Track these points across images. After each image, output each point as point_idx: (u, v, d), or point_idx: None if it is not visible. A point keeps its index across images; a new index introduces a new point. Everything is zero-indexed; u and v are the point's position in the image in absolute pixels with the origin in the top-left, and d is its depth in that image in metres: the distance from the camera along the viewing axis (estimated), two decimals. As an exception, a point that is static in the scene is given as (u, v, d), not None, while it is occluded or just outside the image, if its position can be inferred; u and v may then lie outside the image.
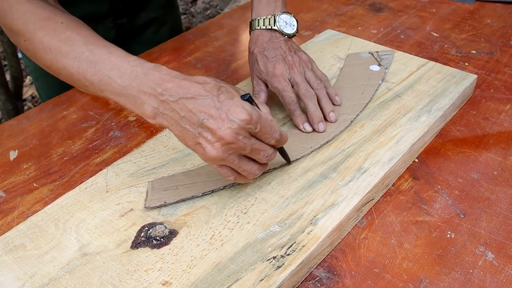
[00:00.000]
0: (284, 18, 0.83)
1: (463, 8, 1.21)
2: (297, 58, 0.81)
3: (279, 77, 0.78)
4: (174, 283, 0.57)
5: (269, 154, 0.62)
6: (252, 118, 0.57)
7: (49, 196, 0.72)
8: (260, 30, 0.83)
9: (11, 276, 0.58)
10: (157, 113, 0.59)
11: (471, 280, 0.60)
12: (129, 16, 1.09)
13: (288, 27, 0.84)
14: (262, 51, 0.81)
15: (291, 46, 0.83)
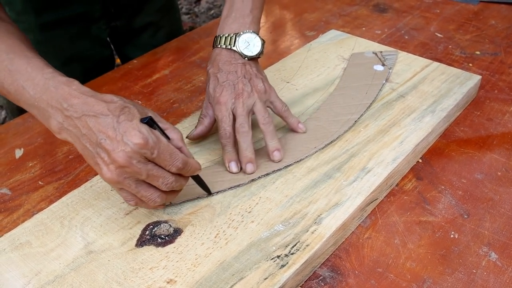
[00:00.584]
0: (246, 37, 0.76)
1: (467, 9, 1.21)
2: (249, 87, 0.73)
3: (222, 106, 0.72)
4: (179, 281, 0.57)
5: (169, 182, 0.58)
6: (148, 143, 0.55)
7: (55, 194, 0.73)
8: (220, 49, 0.77)
9: (17, 273, 0.59)
10: (62, 128, 0.58)
11: (474, 280, 0.60)
12: (123, 20, 1.09)
13: (250, 48, 0.76)
14: (216, 72, 0.75)
15: (248, 72, 0.75)
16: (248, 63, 0.76)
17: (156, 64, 1.03)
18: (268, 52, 1.07)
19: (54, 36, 1.00)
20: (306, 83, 0.90)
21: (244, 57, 0.76)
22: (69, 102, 0.57)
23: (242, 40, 0.76)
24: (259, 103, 0.73)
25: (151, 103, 0.92)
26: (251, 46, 0.76)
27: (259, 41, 0.77)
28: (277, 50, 1.08)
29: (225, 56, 0.76)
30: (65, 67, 1.05)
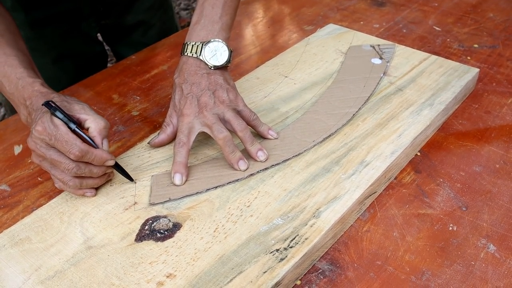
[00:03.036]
0: (213, 46, 0.75)
1: (465, 2, 1.21)
2: (212, 100, 0.72)
3: (184, 118, 0.72)
4: (178, 275, 0.57)
5: (70, 167, 0.63)
6: (45, 130, 0.63)
7: (54, 190, 0.73)
8: (186, 57, 0.76)
9: (17, 268, 0.59)
10: (27, 121, 0.69)
11: (473, 272, 0.60)
12: (113, 18, 1.09)
13: (216, 57, 0.75)
14: (181, 83, 0.74)
15: (213, 82, 0.74)
16: (214, 73, 0.75)
17: (154, 60, 1.03)
18: (266, 47, 1.07)
19: (45, 33, 1.01)
20: (305, 77, 0.90)
21: (210, 67, 0.75)
22: (30, 101, 0.67)
23: (209, 49, 0.75)
24: (229, 112, 0.72)
25: (149, 98, 0.92)
26: (218, 55, 0.75)
27: (226, 50, 0.75)
28: (275, 44, 1.08)
29: (191, 66, 0.75)
30: (56, 63, 1.06)
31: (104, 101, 0.91)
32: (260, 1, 1.28)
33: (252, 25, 1.17)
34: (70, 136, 0.63)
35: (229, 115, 0.72)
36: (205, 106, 0.72)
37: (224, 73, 0.77)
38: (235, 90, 0.76)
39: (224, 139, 0.69)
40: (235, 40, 1.10)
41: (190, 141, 0.71)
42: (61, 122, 0.63)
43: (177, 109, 0.74)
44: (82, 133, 0.65)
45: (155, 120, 0.86)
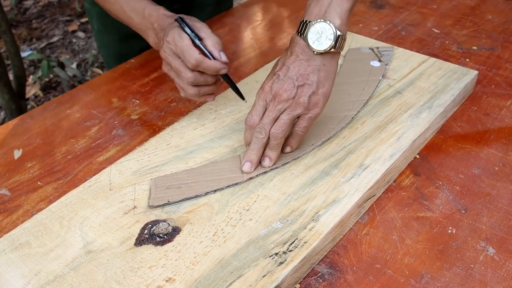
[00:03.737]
0: (319, 27, 0.66)
1: (464, 4, 1.21)
2: (291, 94, 0.67)
3: (261, 93, 0.70)
4: (178, 279, 0.57)
5: (188, 76, 0.73)
6: (173, 40, 0.72)
7: (53, 194, 0.73)
8: (295, 35, 0.69)
9: (17, 273, 0.59)
10: (155, 42, 0.79)
11: (472, 275, 0.60)
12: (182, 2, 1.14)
13: (321, 40, 0.66)
14: (281, 57, 0.72)
15: (305, 75, 0.68)
16: (314, 60, 0.68)
17: (153, 63, 1.04)
18: (265, 50, 1.07)
19: None
20: (303, 80, 0.90)
21: (313, 51, 0.68)
22: (157, 23, 0.78)
23: (314, 31, 0.67)
24: (285, 116, 0.68)
25: (149, 102, 0.92)
26: (323, 39, 0.66)
27: (332, 33, 0.66)
28: (275, 47, 1.08)
29: (296, 45, 0.69)
30: (123, 41, 1.13)
31: (104, 105, 0.92)
32: (259, 4, 1.29)
33: (251, 28, 1.17)
34: (191, 47, 0.71)
35: (282, 118, 0.68)
36: (279, 95, 0.68)
37: (327, 63, 0.68)
38: (321, 98, 0.69)
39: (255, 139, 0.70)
40: (235, 43, 1.11)
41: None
42: (187, 36, 0.72)
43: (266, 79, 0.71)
44: (203, 47, 0.73)
45: (155, 124, 0.86)
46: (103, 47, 1.21)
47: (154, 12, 0.79)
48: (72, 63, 2.62)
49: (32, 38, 2.88)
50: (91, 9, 1.14)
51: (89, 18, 1.19)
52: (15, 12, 3.12)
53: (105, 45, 1.19)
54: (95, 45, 2.79)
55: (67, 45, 2.82)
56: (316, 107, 0.69)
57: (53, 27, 2.98)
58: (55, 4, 3.22)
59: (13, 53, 1.97)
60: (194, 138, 0.79)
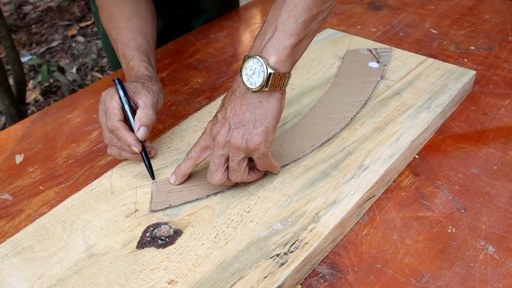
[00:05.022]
0: (251, 64, 0.61)
1: (461, 5, 1.22)
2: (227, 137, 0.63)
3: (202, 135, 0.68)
4: (180, 281, 0.58)
5: (106, 135, 0.73)
6: (105, 96, 0.72)
7: (55, 198, 0.74)
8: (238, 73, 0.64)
9: (20, 277, 0.60)
10: None
11: (472, 273, 0.61)
12: (186, 7, 1.15)
13: (252, 77, 0.61)
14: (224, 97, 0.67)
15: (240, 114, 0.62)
16: (249, 98, 0.62)
17: (153, 67, 1.04)
18: (264, 52, 1.07)
19: None
20: (302, 82, 0.91)
21: (247, 89, 0.62)
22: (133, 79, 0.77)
23: (248, 67, 0.62)
24: (232, 164, 0.65)
25: (149, 106, 0.92)
26: (255, 76, 0.61)
27: (263, 71, 0.60)
28: (273, 50, 1.08)
29: (236, 83, 0.65)
30: None
31: (104, 109, 0.92)
32: (257, 7, 1.29)
33: (250, 31, 1.17)
34: (115, 111, 0.71)
35: (231, 164, 0.65)
36: (217, 141, 0.64)
37: (264, 101, 0.62)
38: (259, 136, 0.62)
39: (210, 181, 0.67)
40: (233, 46, 1.11)
41: (199, 159, 0.69)
42: (117, 98, 0.71)
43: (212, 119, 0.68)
44: (130, 116, 0.72)
45: (154, 128, 0.87)
46: (109, 50, 1.22)
47: (136, 67, 0.79)
48: (72, 67, 2.63)
49: (31, 43, 2.89)
50: (97, 13, 1.15)
51: (96, 21, 1.20)
52: (15, 17, 3.13)
53: (111, 48, 1.19)
54: (94, 49, 2.80)
55: (66, 49, 2.82)
56: (258, 148, 0.63)
57: (52, 32, 2.99)
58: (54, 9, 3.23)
59: (13, 58, 1.97)
60: (194, 141, 0.78)
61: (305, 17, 0.61)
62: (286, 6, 0.61)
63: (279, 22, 0.61)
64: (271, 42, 0.61)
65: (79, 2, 3.26)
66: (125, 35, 0.82)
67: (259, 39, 0.63)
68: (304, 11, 0.61)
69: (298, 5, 0.60)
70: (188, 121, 0.84)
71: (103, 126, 0.73)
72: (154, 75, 0.80)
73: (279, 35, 0.61)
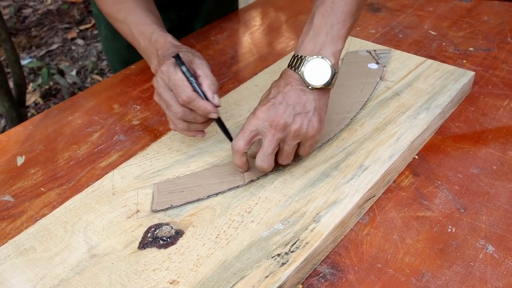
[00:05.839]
0: (315, 63, 0.68)
1: (460, 6, 1.22)
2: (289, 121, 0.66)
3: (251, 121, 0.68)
4: (182, 281, 0.58)
5: (177, 111, 0.70)
6: (167, 71, 0.70)
7: (57, 200, 0.74)
8: (289, 69, 0.70)
9: (23, 278, 0.60)
10: (156, 69, 0.74)
11: (472, 273, 0.61)
12: (191, 8, 1.15)
13: (317, 76, 0.68)
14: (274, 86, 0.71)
15: (301, 104, 0.67)
16: (309, 93, 0.68)
17: (153, 69, 1.04)
18: (264, 54, 1.08)
19: None
20: (302, 83, 0.91)
21: (308, 86, 0.68)
22: (161, 51, 0.75)
23: (310, 66, 0.68)
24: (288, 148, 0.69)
25: (149, 107, 0.93)
26: (319, 75, 0.68)
27: (329, 71, 0.68)
28: (273, 52, 1.09)
29: (290, 77, 0.69)
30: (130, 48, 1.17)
31: (105, 111, 0.92)
32: (257, 9, 1.30)
33: (250, 33, 1.18)
34: (184, 83, 0.69)
35: (286, 148, 0.68)
36: (276, 124, 0.66)
37: (321, 97, 0.70)
38: (319, 123, 0.69)
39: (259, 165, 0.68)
40: (233, 48, 1.12)
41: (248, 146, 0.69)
42: (181, 70, 0.69)
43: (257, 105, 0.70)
44: (197, 86, 0.69)
45: (156, 129, 0.87)
46: (110, 53, 1.23)
47: (161, 39, 0.76)
48: (71, 70, 2.64)
49: (31, 46, 2.89)
50: (99, 16, 1.15)
51: (97, 24, 1.20)
52: (14, 20, 3.13)
53: (112, 51, 1.21)
54: (94, 52, 2.80)
55: (66, 52, 2.83)
56: (314, 135, 0.69)
57: (52, 35, 2.99)
58: (54, 12, 3.24)
59: (13, 61, 1.98)
60: (195, 142, 0.79)
61: (350, 23, 0.70)
62: (334, 13, 0.69)
63: (329, 27, 0.69)
64: (326, 45, 0.69)
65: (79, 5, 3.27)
66: (137, 13, 0.81)
67: (311, 42, 0.69)
68: (349, 17, 0.70)
69: (344, 12, 0.69)
70: (189, 122, 0.84)
71: (170, 101, 0.70)
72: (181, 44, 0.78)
73: (332, 40, 0.69)
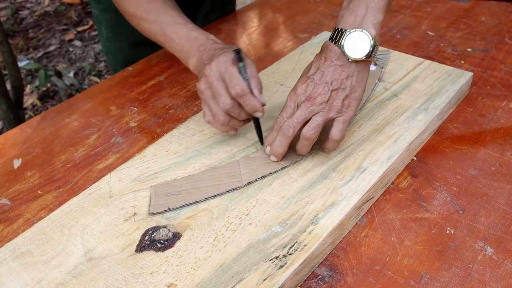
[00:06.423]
0: (355, 36, 0.69)
1: (458, 7, 1.22)
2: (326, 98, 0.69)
3: (292, 95, 0.71)
4: (179, 284, 0.58)
5: (227, 103, 0.70)
6: (225, 62, 0.71)
7: (54, 203, 0.74)
8: (330, 42, 0.72)
9: (19, 282, 0.59)
10: (197, 65, 0.77)
11: (471, 274, 0.61)
12: (192, 8, 1.16)
13: (356, 49, 0.69)
14: (314, 61, 0.73)
15: (338, 79, 0.69)
16: (348, 66, 0.70)
17: (151, 71, 1.04)
18: (261, 55, 1.08)
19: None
20: (300, 85, 0.91)
21: (348, 59, 0.70)
22: (204, 47, 0.77)
23: (350, 39, 0.70)
24: (319, 118, 0.69)
25: (147, 109, 0.92)
26: (358, 47, 0.70)
27: (368, 43, 0.69)
28: (271, 53, 1.09)
29: (330, 52, 0.71)
30: (132, 48, 1.15)
31: (102, 113, 0.92)
32: (254, 10, 1.29)
33: (247, 34, 1.18)
34: (240, 76, 0.70)
35: (316, 119, 0.69)
36: (313, 98, 0.69)
37: (361, 70, 0.71)
38: (354, 101, 0.70)
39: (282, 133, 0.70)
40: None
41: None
42: (237, 65, 0.71)
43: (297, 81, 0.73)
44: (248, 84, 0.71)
45: (153, 131, 0.87)
46: (111, 54, 1.22)
47: (202, 36, 0.79)
48: (69, 72, 2.63)
49: (28, 47, 2.89)
50: (100, 17, 1.15)
51: (97, 25, 1.20)
52: (12, 22, 3.13)
53: (113, 52, 1.21)
54: (92, 54, 2.80)
55: (64, 54, 2.82)
56: (349, 110, 0.70)
57: (49, 37, 2.99)
58: (51, 13, 3.23)
59: (10, 63, 1.97)
60: (192, 144, 0.79)
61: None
62: None
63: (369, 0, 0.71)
64: (366, 18, 0.70)
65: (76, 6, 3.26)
66: (168, 13, 0.83)
67: (351, 15, 0.71)
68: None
69: None
70: (186, 124, 0.84)
71: (222, 91, 0.70)
72: None
73: (372, 12, 0.70)
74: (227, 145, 0.78)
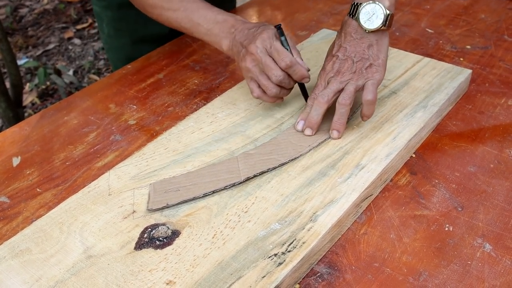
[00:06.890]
0: (369, 8, 0.74)
1: (457, 4, 1.22)
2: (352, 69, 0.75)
3: (322, 74, 0.78)
4: (178, 282, 0.58)
5: (278, 75, 0.75)
6: (268, 38, 0.75)
7: (53, 200, 0.74)
8: (348, 17, 0.78)
9: (18, 279, 0.59)
10: (230, 46, 0.81)
11: (469, 271, 0.61)
12: None
13: (372, 20, 0.74)
14: (336, 41, 0.79)
15: (360, 52, 0.75)
16: (367, 38, 0.75)
17: (150, 69, 1.04)
18: (260, 53, 1.07)
19: (129, 15, 1.07)
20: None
21: (365, 30, 0.75)
22: (234, 28, 0.80)
23: (365, 11, 0.75)
24: (350, 87, 0.75)
25: (146, 107, 0.92)
26: (374, 18, 0.74)
27: (382, 13, 0.74)
28: (270, 50, 1.09)
29: (349, 26, 0.77)
30: (135, 45, 1.15)
31: (101, 111, 0.92)
32: (253, 7, 1.29)
33: (246, 32, 1.17)
34: (284, 49, 0.76)
35: (347, 88, 0.75)
36: (342, 73, 0.75)
37: (379, 39, 0.76)
38: (379, 67, 0.75)
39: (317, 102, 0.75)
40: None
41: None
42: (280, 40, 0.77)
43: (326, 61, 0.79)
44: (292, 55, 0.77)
45: (152, 129, 0.87)
46: (113, 51, 1.22)
47: (231, 18, 0.82)
48: (68, 70, 2.63)
49: (28, 46, 2.89)
50: (101, 13, 1.15)
51: (99, 22, 1.20)
52: (11, 20, 3.13)
53: (115, 49, 1.20)
54: (91, 52, 2.80)
55: (63, 52, 2.82)
56: (376, 74, 0.75)
57: (49, 35, 2.98)
58: (50, 11, 3.23)
59: (9, 61, 1.97)
60: (191, 142, 0.79)
61: None
62: None
63: None
64: None
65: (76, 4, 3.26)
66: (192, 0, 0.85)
67: None
68: None
69: None
70: (185, 122, 0.84)
71: (271, 65, 0.75)
72: None
73: None
74: (226, 143, 0.78)
